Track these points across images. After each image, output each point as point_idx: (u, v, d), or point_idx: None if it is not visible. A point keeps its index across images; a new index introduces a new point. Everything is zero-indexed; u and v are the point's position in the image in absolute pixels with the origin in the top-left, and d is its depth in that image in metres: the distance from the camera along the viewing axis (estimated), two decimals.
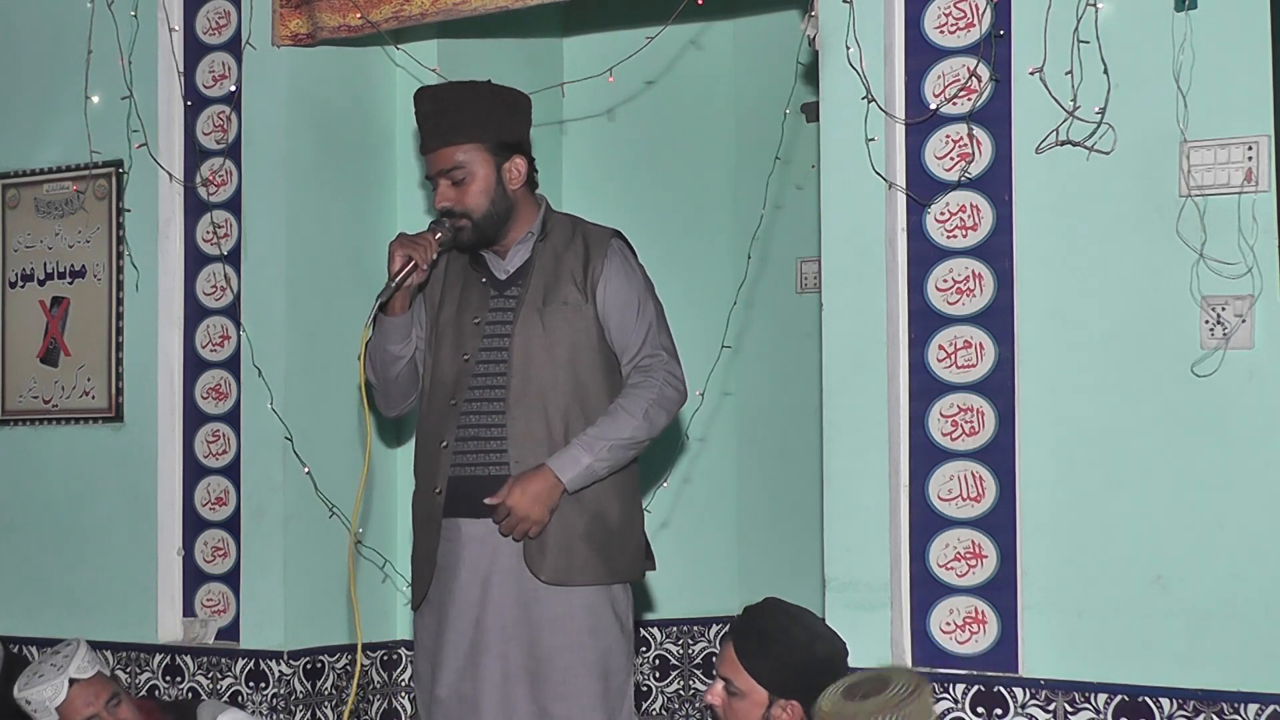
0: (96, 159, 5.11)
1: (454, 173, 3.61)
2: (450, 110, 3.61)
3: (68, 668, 3.97)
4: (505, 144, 3.64)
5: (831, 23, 4.07)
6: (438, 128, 3.62)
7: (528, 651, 3.58)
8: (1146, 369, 3.76)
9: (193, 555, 5.02)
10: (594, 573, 3.60)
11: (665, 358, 3.65)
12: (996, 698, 3.87)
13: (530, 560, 3.58)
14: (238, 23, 4.95)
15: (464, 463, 3.64)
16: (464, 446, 3.64)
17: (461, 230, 3.62)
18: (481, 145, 3.61)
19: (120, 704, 4.01)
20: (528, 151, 3.69)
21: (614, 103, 5.50)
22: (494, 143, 3.62)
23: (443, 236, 3.61)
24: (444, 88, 3.72)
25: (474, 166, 3.61)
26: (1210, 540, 3.69)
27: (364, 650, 5.03)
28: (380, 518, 5.01)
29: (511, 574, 3.59)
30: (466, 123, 3.61)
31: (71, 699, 3.95)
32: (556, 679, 3.58)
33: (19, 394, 5.31)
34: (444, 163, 3.62)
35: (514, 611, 3.59)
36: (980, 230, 3.94)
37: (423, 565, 3.70)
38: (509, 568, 3.59)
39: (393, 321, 3.67)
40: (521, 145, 3.68)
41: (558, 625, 3.58)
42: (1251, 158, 3.66)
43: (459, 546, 3.63)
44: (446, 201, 3.63)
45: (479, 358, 3.65)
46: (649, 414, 3.58)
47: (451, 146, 3.60)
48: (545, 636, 3.58)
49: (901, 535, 4.00)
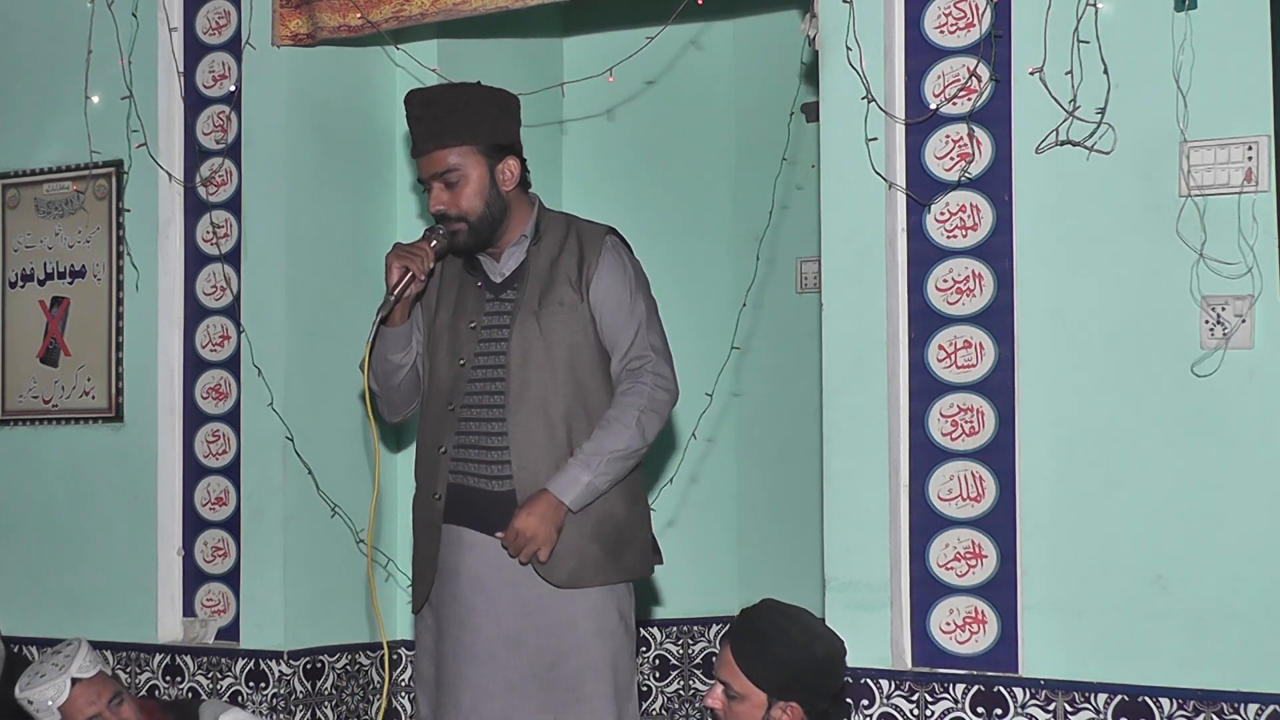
0: (96, 159, 5.11)
1: (447, 175, 3.58)
2: (442, 113, 3.58)
3: (70, 667, 3.97)
4: (498, 145, 3.61)
5: (831, 23, 4.07)
6: (429, 130, 3.59)
7: (534, 658, 3.57)
8: (1146, 369, 3.76)
9: (193, 555, 5.02)
10: (605, 572, 3.59)
11: (654, 358, 3.62)
12: (996, 698, 3.87)
13: (539, 567, 3.56)
14: (238, 23, 4.95)
15: (464, 470, 3.62)
16: (463, 454, 3.63)
17: (457, 234, 3.60)
18: (474, 147, 3.58)
19: (123, 703, 4.01)
20: (519, 152, 3.67)
21: (614, 103, 5.50)
22: (486, 144, 3.59)
23: (438, 244, 3.58)
24: (434, 90, 3.69)
25: (467, 169, 3.59)
26: (1210, 540, 3.69)
27: (363, 650, 5.04)
28: (382, 519, 5.01)
29: (513, 582, 3.57)
30: (458, 125, 3.58)
31: (74, 698, 3.95)
32: (565, 684, 3.56)
33: (19, 394, 5.31)
34: (437, 166, 3.59)
35: (518, 620, 3.57)
36: (980, 230, 3.94)
37: (424, 568, 3.69)
38: (511, 577, 3.57)
39: (393, 332, 3.66)
40: (514, 146, 3.65)
41: (564, 630, 3.56)
42: (1251, 158, 3.66)
43: (459, 551, 3.62)
44: (440, 205, 3.60)
45: (475, 362, 3.64)
46: (641, 422, 3.56)
47: (444, 149, 3.57)
48: (552, 642, 3.56)
49: (901, 535, 4.00)
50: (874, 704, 3.97)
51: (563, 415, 3.58)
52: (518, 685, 3.56)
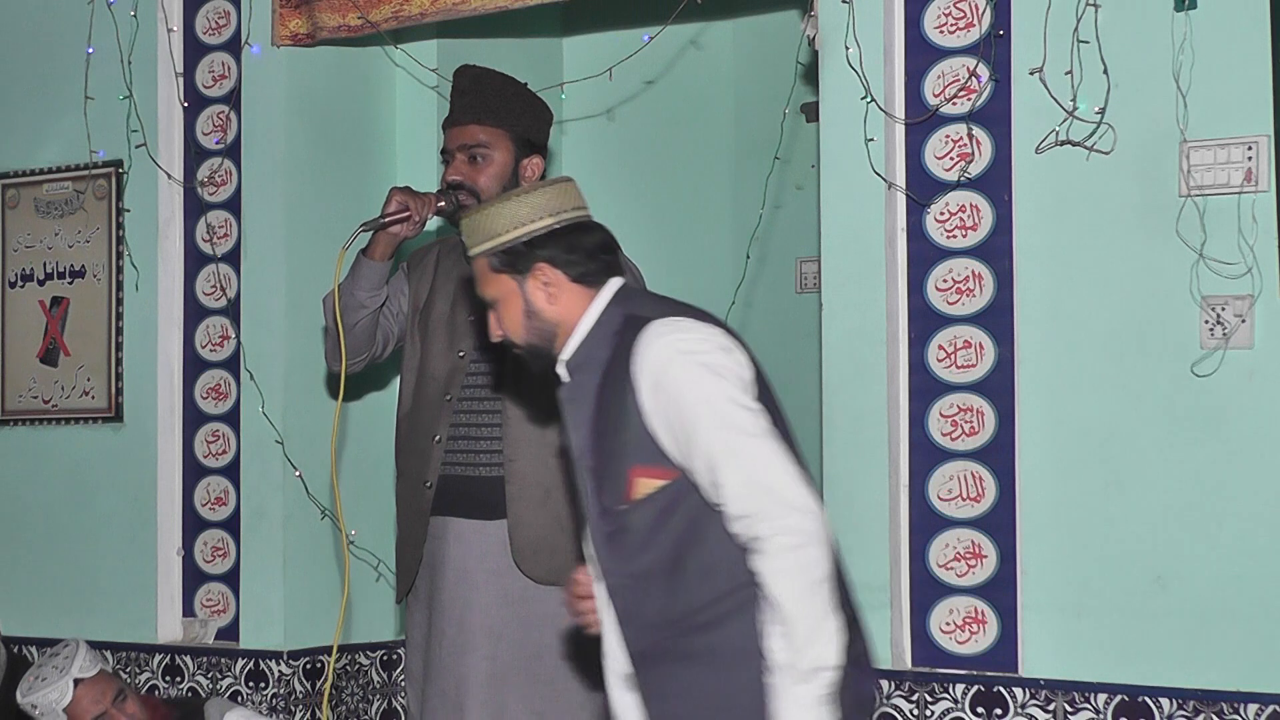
0: (96, 159, 5.11)
1: (476, 150, 3.63)
2: (488, 92, 3.65)
3: (70, 668, 3.96)
4: (529, 141, 3.67)
5: (831, 23, 4.07)
6: (472, 105, 3.64)
7: (517, 650, 3.58)
8: (1146, 369, 3.76)
9: (192, 555, 5.02)
10: None
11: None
12: (996, 698, 3.87)
13: (521, 560, 3.58)
14: (237, 23, 4.95)
15: (456, 460, 3.64)
16: (457, 445, 3.64)
17: (467, 208, 3.63)
18: (508, 134, 3.65)
19: (127, 699, 4.01)
20: (545, 159, 3.73)
21: (614, 103, 5.50)
22: (520, 137, 3.66)
23: (445, 205, 3.62)
24: (485, 70, 3.74)
25: (495, 151, 3.64)
26: (1210, 540, 3.69)
27: (363, 650, 5.03)
28: (374, 518, 4.99)
29: (498, 574, 3.59)
30: (501, 108, 3.65)
31: (78, 699, 3.94)
32: (546, 677, 3.58)
33: (19, 394, 5.31)
34: (468, 138, 3.63)
35: (501, 611, 3.58)
36: (980, 230, 3.94)
37: (409, 558, 3.71)
38: (496, 568, 3.59)
39: (369, 265, 3.64)
40: (542, 150, 3.72)
41: (546, 624, 3.57)
42: (1251, 158, 3.66)
43: (445, 545, 3.63)
44: (459, 175, 3.64)
45: (474, 356, 3.65)
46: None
47: (480, 125, 3.63)
48: (534, 635, 3.58)
49: (901, 535, 4.00)
50: (874, 704, 3.97)
51: None
52: (500, 676, 3.57)
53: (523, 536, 3.58)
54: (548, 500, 3.58)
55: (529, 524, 3.58)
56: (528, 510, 3.58)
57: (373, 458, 5.00)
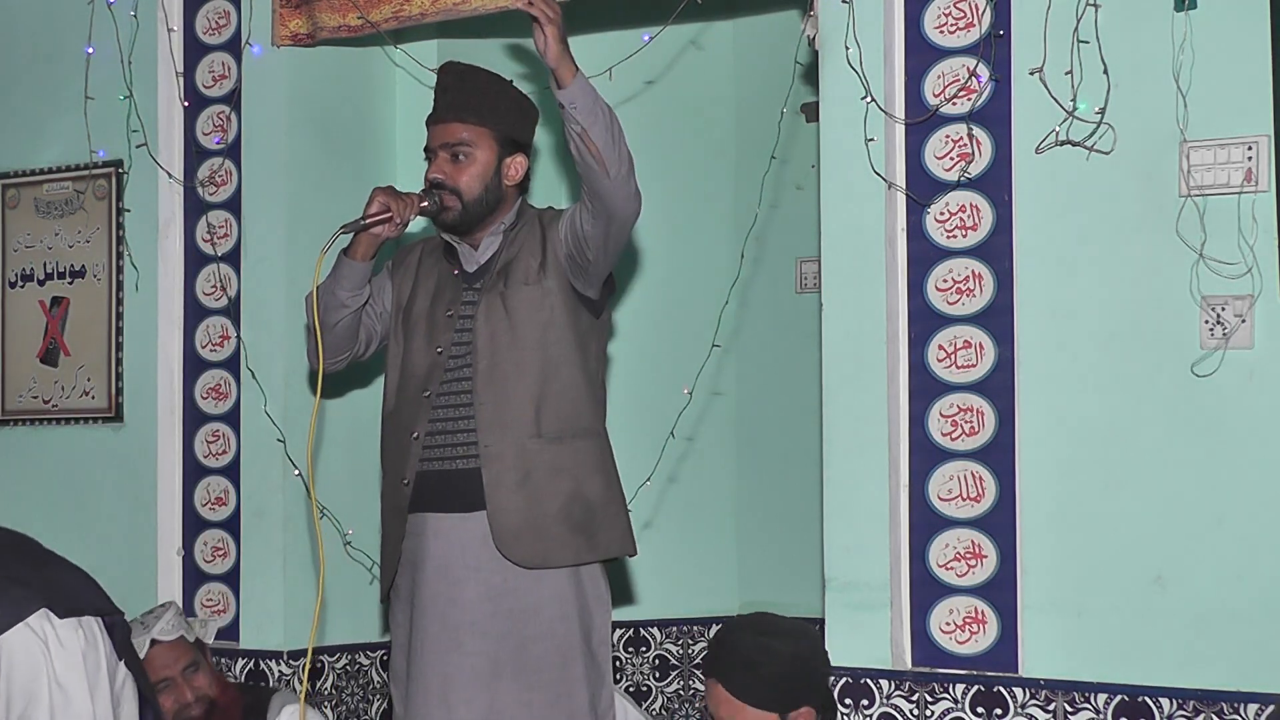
0: (96, 159, 5.11)
1: (458, 148, 3.63)
2: (471, 90, 3.65)
3: (153, 628, 3.98)
4: (513, 140, 3.67)
5: (831, 23, 4.07)
6: (454, 102, 3.64)
7: (500, 643, 3.58)
8: (1146, 369, 3.77)
9: (192, 555, 5.02)
10: (574, 551, 3.60)
11: None
12: (996, 698, 3.87)
13: (502, 545, 3.57)
14: (237, 23, 4.95)
15: (434, 455, 3.64)
16: (434, 440, 3.64)
17: (449, 210, 3.64)
18: (491, 132, 3.65)
19: (198, 671, 4.01)
20: (529, 157, 3.73)
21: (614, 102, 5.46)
22: (503, 135, 3.66)
23: (428, 205, 3.62)
24: (470, 67, 3.74)
25: (478, 150, 3.64)
26: (1210, 540, 3.69)
27: (363, 650, 5.03)
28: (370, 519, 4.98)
29: (479, 568, 3.59)
30: (484, 106, 3.64)
31: (150, 659, 3.95)
32: (534, 665, 3.58)
33: (19, 394, 5.31)
34: (450, 136, 3.63)
35: (484, 606, 3.58)
36: (980, 230, 3.94)
37: (390, 555, 3.72)
38: (476, 563, 3.59)
39: (350, 265, 3.65)
40: (526, 149, 3.71)
41: (529, 616, 3.58)
42: (1251, 158, 3.66)
43: (425, 541, 3.63)
44: (439, 174, 3.65)
45: (451, 351, 3.66)
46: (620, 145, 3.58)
47: (463, 123, 3.63)
48: (518, 627, 3.58)
49: (901, 535, 4.00)
50: (874, 704, 3.97)
51: (531, 395, 3.59)
52: (486, 671, 3.57)
53: (502, 523, 3.57)
54: (526, 483, 3.58)
55: (508, 509, 3.57)
56: (506, 495, 3.58)
57: (370, 458, 4.99)
